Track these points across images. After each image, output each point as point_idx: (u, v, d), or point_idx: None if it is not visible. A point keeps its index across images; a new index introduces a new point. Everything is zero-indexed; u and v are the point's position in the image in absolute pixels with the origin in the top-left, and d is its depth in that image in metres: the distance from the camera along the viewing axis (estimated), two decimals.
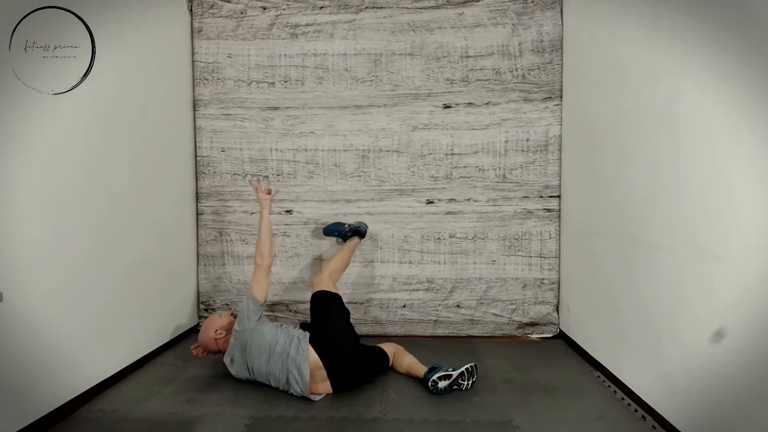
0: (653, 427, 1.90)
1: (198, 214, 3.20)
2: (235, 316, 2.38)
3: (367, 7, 3.09)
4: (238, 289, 3.20)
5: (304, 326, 2.40)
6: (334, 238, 3.04)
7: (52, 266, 1.93)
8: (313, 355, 2.16)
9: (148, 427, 1.94)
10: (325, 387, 2.19)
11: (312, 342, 2.20)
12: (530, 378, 2.41)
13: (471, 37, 3.06)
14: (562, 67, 3.02)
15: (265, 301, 2.31)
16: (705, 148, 1.66)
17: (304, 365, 2.13)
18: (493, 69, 3.05)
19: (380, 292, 3.14)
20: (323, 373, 2.17)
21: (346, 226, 2.98)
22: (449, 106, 3.08)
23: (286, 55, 3.12)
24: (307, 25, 3.11)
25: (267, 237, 2.37)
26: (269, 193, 2.53)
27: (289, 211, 3.14)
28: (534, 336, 3.11)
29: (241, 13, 3.12)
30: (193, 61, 3.15)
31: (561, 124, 3.03)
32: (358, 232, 2.97)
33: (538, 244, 3.09)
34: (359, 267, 3.14)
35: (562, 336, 3.05)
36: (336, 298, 2.47)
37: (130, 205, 2.43)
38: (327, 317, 2.35)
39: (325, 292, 2.47)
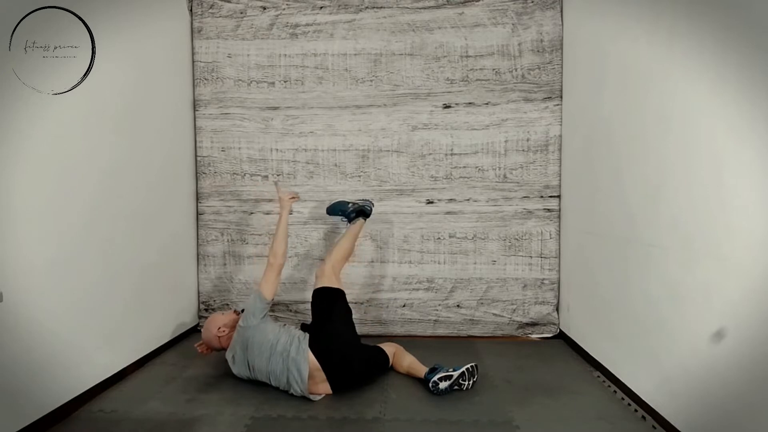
0: (653, 427, 1.90)
1: (198, 214, 3.21)
2: (237, 314, 2.38)
3: (367, 7, 3.09)
4: (238, 289, 3.20)
5: (304, 327, 2.40)
6: (338, 219, 2.93)
7: (52, 267, 1.93)
8: (311, 357, 2.16)
9: (148, 427, 1.94)
10: (324, 388, 2.19)
11: (311, 344, 2.20)
12: (530, 378, 2.41)
13: (471, 36, 3.06)
14: (562, 67, 3.02)
15: (272, 299, 2.31)
16: (705, 148, 1.66)
17: (304, 365, 2.13)
18: (493, 69, 3.05)
19: (380, 291, 3.14)
20: (322, 375, 2.17)
21: (350, 205, 2.81)
22: (449, 106, 3.08)
23: (285, 55, 3.12)
24: (307, 25, 3.11)
25: (283, 237, 2.41)
26: (293, 197, 2.60)
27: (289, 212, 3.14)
28: (534, 336, 3.10)
29: (241, 13, 3.12)
30: (193, 61, 3.15)
31: (561, 124, 3.03)
32: (363, 211, 2.80)
33: (538, 244, 3.09)
34: (359, 267, 3.14)
35: (562, 336, 3.05)
36: (338, 295, 2.45)
37: (130, 205, 2.43)
38: (327, 318, 2.35)
39: (326, 289, 2.46)
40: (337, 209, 2.86)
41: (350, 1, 3.10)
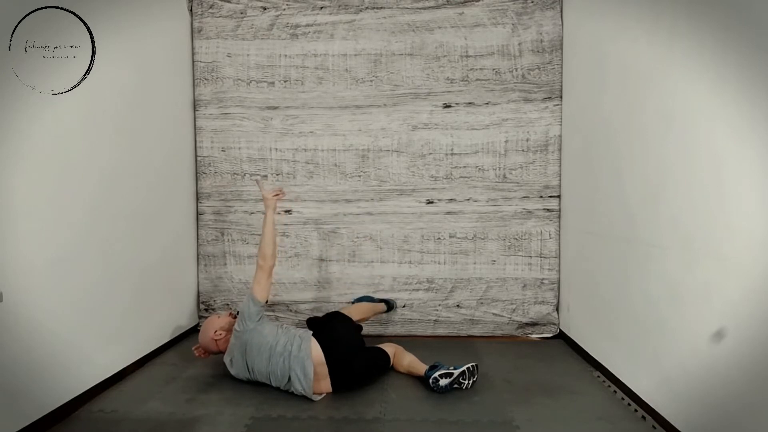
0: (653, 427, 1.90)
1: (198, 214, 3.21)
2: (234, 317, 2.38)
3: (367, 8, 3.09)
4: (239, 289, 3.20)
5: (311, 320, 2.42)
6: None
7: (52, 267, 1.93)
8: (316, 349, 2.17)
9: (148, 427, 1.94)
10: (326, 385, 2.20)
11: (316, 336, 2.23)
12: (530, 378, 2.41)
13: (471, 36, 3.06)
14: (562, 67, 3.02)
15: (267, 302, 2.31)
16: (705, 148, 1.66)
17: (308, 362, 2.14)
18: (493, 69, 3.05)
19: (380, 292, 3.14)
20: (325, 369, 2.17)
21: (376, 299, 3.04)
22: (449, 106, 3.08)
23: (286, 55, 3.12)
24: (307, 25, 3.11)
25: (270, 238, 2.32)
26: (277, 194, 2.42)
27: (288, 211, 3.14)
28: (534, 336, 3.10)
29: (241, 13, 3.12)
30: (193, 61, 3.15)
31: (561, 124, 3.03)
32: (387, 302, 3.01)
33: (538, 244, 3.09)
34: (360, 267, 3.14)
35: (562, 336, 3.05)
36: (348, 318, 2.51)
37: (130, 205, 2.43)
38: (335, 318, 2.42)
39: (341, 312, 2.55)
40: (363, 301, 3.04)
41: (350, 1, 3.10)
